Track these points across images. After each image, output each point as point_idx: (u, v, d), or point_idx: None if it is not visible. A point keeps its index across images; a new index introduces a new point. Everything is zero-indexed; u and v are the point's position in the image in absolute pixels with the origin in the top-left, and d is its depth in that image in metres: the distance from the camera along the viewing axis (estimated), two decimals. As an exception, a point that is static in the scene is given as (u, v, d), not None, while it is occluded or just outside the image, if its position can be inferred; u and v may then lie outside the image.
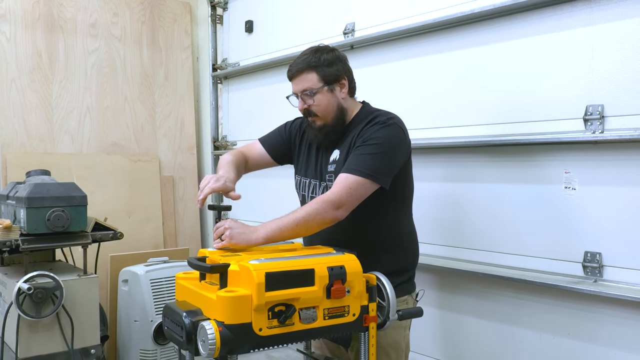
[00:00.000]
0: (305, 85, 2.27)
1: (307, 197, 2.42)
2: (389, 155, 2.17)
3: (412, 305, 2.34)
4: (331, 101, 2.29)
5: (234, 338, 1.65)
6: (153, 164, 4.63)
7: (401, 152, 2.24)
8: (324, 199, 2.10)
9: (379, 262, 2.17)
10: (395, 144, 2.20)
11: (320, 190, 2.36)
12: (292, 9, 4.03)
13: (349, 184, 2.10)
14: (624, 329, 2.34)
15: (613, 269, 2.37)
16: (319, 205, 2.08)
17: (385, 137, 2.17)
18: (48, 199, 2.76)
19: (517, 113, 2.66)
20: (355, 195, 2.11)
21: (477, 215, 2.79)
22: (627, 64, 2.31)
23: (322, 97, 2.27)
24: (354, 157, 2.17)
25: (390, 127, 2.20)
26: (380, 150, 2.15)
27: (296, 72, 2.29)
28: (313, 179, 2.41)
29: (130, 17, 4.63)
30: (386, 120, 2.21)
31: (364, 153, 2.15)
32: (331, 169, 2.31)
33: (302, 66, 2.27)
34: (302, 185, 2.46)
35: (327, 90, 2.27)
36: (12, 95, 4.11)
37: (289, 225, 2.06)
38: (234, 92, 4.67)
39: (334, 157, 2.32)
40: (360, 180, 2.10)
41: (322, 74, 2.26)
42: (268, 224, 2.07)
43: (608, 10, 2.36)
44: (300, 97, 2.30)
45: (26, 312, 2.69)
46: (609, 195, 2.37)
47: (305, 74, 2.27)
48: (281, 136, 2.57)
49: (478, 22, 2.80)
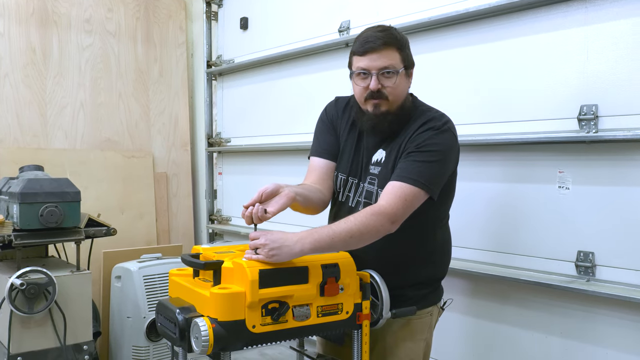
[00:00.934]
0: (388, 62, 2.02)
1: (341, 195, 2.24)
2: (442, 165, 2.04)
3: (437, 318, 2.27)
4: (405, 87, 2.11)
5: (227, 335, 1.65)
6: (147, 160, 4.62)
7: (452, 162, 2.11)
8: (379, 210, 1.92)
9: (407, 272, 2.12)
10: (449, 153, 2.07)
11: (358, 191, 2.19)
12: (287, 6, 4.03)
13: (405, 195, 1.95)
14: (616, 328, 2.34)
15: (606, 269, 2.38)
16: (375, 218, 1.90)
17: (440, 144, 2.02)
18: (41, 195, 2.76)
19: (510, 112, 2.66)
20: (410, 208, 1.97)
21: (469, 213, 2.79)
22: (621, 64, 2.31)
23: (400, 81, 2.06)
24: (407, 164, 2.00)
25: (446, 134, 2.05)
26: (435, 158, 2.00)
27: (380, 46, 2.01)
28: (351, 177, 2.22)
29: (125, 13, 4.61)
30: (441, 126, 2.05)
31: (419, 160, 1.99)
32: (374, 170, 2.14)
33: (389, 40, 2.02)
34: (340, 182, 2.25)
35: (405, 74, 2.08)
36: (6, 91, 4.09)
37: (342, 235, 1.85)
38: (229, 88, 4.66)
39: (379, 157, 2.15)
40: (415, 190, 1.95)
41: (404, 55, 2.07)
42: (315, 232, 1.84)
43: (602, 10, 2.37)
44: (377, 75, 2.03)
45: (19, 307, 2.68)
46: (602, 195, 2.38)
47: (390, 50, 2.03)
48: (328, 131, 2.29)
49: (472, 21, 2.81)
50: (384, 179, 2.07)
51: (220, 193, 4.76)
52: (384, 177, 2.08)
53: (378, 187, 2.11)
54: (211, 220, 4.75)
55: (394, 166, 2.06)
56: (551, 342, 2.54)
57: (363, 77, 2.06)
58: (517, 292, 2.65)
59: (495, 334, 2.75)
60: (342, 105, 2.29)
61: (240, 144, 4.50)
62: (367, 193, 2.14)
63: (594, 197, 2.40)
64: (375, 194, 2.11)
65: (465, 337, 2.87)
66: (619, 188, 2.33)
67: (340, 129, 2.27)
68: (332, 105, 2.33)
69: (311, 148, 2.32)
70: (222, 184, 4.75)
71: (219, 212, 4.74)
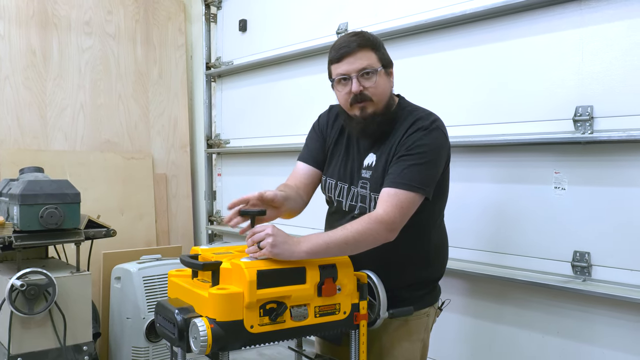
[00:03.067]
0: (365, 63, 2.04)
1: (333, 200, 2.26)
2: (433, 164, 2.04)
3: (434, 318, 2.28)
4: (387, 86, 2.11)
5: (225, 335, 1.67)
6: (146, 161, 4.64)
7: (443, 160, 2.11)
8: (377, 219, 1.93)
9: (403, 274, 2.12)
10: (439, 152, 2.06)
11: (349, 195, 2.19)
12: (285, 9, 4.04)
13: (401, 202, 1.95)
14: (612, 328, 2.36)
15: (602, 269, 2.39)
16: (373, 226, 1.91)
17: (430, 144, 2.02)
18: (41, 196, 2.77)
19: (506, 113, 2.68)
20: (407, 214, 1.98)
21: (466, 214, 2.81)
22: (616, 65, 2.33)
23: (380, 80, 2.07)
24: (399, 168, 2.01)
25: (434, 132, 2.05)
26: (427, 159, 2.01)
27: (355, 49, 2.04)
28: (340, 182, 2.23)
29: (125, 15, 4.63)
30: (429, 125, 2.05)
31: (410, 164, 1.99)
32: (365, 174, 2.14)
33: (362, 42, 2.05)
34: (328, 187, 2.27)
35: (384, 73, 2.09)
36: (6, 93, 4.11)
37: (338, 242, 1.87)
38: (228, 90, 4.67)
39: (370, 161, 2.15)
40: (411, 195, 1.96)
41: (380, 55, 2.08)
42: (312, 238, 1.87)
43: (598, 12, 2.38)
44: (357, 77, 2.04)
45: (19, 308, 2.70)
46: (598, 195, 2.39)
47: (365, 52, 2.05)
48: (317, 140, 2.34)
49: (469, 23, 2.82)
50: (376, 182, 2.09)
51: (220, 194, 4.78)
52: (376, 181, 2.09)
53: (370, 190, 2.11)
54: (210, 222, 4.77)
55: (385, 169, 2.07)
56: (548, 342, 2.55)
57: (344, 82, 2.08)
58: (514, 292, 2.66)
59: (493, 333, 2.76)
60: (334, 113, 2.32)
61: (239, 146, 4.51)
62: (362, 197, 2.14)
63: (589, 197, 2.41)
64: (368, 197, 2.12)
65: (462, 337, 2.88)
66: (614, 188, 2.34)
67: (329, 137, 2.30)
68: (325, 114, 2.37)
69: (301, 152, 2.38)
70: (222, 185, 4.76)
71: (218, 213, 4.75)
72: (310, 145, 2.35)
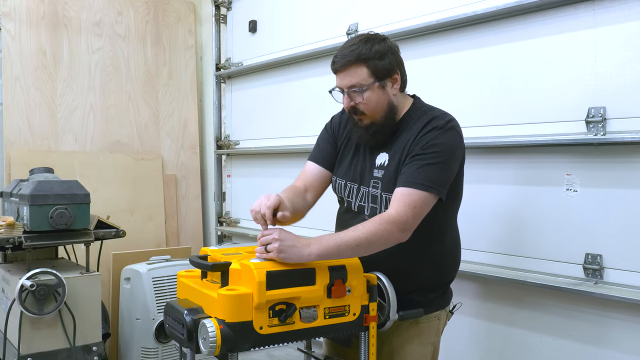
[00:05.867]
0: (354, 80, 2.02)
1: (343, 200, 2.25)
2: (448, 165, 2.00)
3: (445, 322, 2.26)
4: (382, 99, 2.05)
5: (234, 336, 1.66)
6: (156, 162, 4.64)
7: (458, 160, 2.07)
8: (389, 219, 1.89)
9: (414, 277, 2.10)
10: (454, 152, 2.02)
11: (359, 195, 2.17)
12: (295, 9, 4.04)
13: (414, 202, 1.92)
14: (624, 331, 2.34)
15: (614, 271, 2.37)
16: (384, 227, 1.88)
17: (445, 143, 1.98)
18: (51, 197, 2.78)
19: (519, 115, 2.66)
20: (420, 214, 1.94)
21: (478, 216, 2.79)
22: (629, 66, 2.31)
23: (372, 95, 2.03)
24: (412, 168, 1.97)
25: (449, 132, 2.01)
26: (441, 159, 1.97)
27: (343, 65, 2.02)
28: (350, 182, 2.20)
29: (135, 16, 4.64)
30: (444, 125, 2.01)
31: (424, 163, 1.96)
32: (377, 174, 2.11)
33: (351, 58, 2.01)
34: (339, 187, 2.25)
35: (378, 86, 2.03)
36: (17, 94, 4.12)
37: (350, 243, 1.85)
38: (237, 91, 4.67)
39: (382, 161, 2.12)
40: (424, 195, 1.93)
41: (374, 68, 2.01)
42: (323, 239, 1.85)
43: (611, 12, 2.36)
44: (347, 93, 2.04)
45: (29, 309, 2.70)
46: (610, 197, 2.37)
47: (354, 68, 2.01)
48: (328, 141, 2.31)
49: (480, 24, 2.81)
50: (388, 182, 2.07)
51: (229, 195, 4.78)
52: (388, 181, 2.07)
53: (382, 190, 2.09)
54: (220, 223, 4.77)
55: (398, 169, 2.04)
56: (561, 345, 2.53)
57: (341, 93, 2.09)
58: (526, 295, 2.64)
59: (505, 337, 2.74)
60: (347, 114, 2.29)
61: (248, 147, 4.51)
62: (372, 198, 2.12)
63: (601, 199, 2.39)
64: (379, 197, 2.10)
65: (474, 340, 2.87)
66: (626, 190, 2.32)
67: (341, 137, 2.29)
68: (337, 115, 2.36)
69: (311, 152, 2.36)
70: (231, 186, 4.76)
71: (228, 214, 4.75)
72: (321, 145, 2.34)
